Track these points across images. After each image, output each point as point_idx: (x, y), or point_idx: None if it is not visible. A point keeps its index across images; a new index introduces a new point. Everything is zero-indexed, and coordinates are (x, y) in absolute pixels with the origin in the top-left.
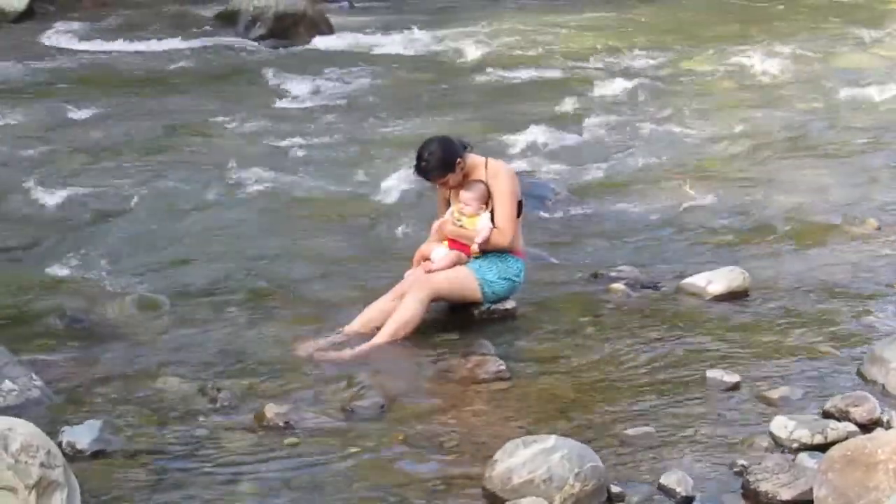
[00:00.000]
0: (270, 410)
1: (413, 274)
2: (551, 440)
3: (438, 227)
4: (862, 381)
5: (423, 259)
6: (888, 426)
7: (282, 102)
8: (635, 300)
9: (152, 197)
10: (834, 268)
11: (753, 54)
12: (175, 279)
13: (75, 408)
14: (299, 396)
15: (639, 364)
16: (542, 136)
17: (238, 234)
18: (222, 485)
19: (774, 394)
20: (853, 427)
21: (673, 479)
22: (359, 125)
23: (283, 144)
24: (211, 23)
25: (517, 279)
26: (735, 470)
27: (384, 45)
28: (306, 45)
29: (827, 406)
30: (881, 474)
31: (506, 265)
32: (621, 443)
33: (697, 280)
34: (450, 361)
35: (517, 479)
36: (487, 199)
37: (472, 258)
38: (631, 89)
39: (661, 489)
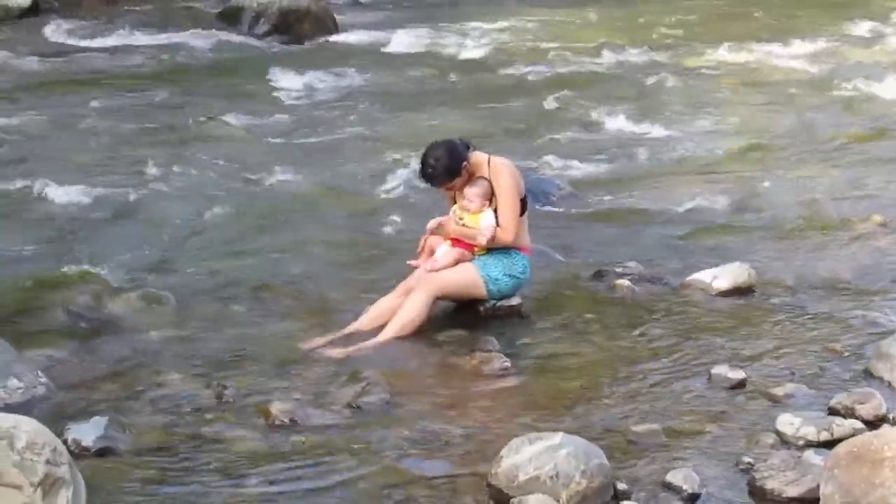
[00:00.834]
0: (276, 407)
1: (418, 270)
2: (557, 437)
3: (440, 225)
4: (868, 378)
5: (432, 252)
6: (894, 423)
7: (286, 99)
8: (640, 296)
9: (157, 193)
10: (840, 264)
11: (761, 50)
12: (180, 275)
13: (81, 405)
14: (305, 393)
15: (644, 361)
16: (547, 132)
17: (242, 230)
18: (228, 482)
19: (780, 391)
20: (859, 424)
21: (679, 477)
22: (364, 122)
23: (287, 141)
24: (215, 19)
25: (522, 276)
26: (741, 467)
27: (390, 42)
28: (311, 42)
29: (833, 403)
30: (887, 471)
31: (511, 262)
32: (627, 440)
33: (703, 276)
34: (455, 358)
35: (523, 476)
36: (491, 196)
37: (477, 255)
38: (637, 85)
39: (668, 486)
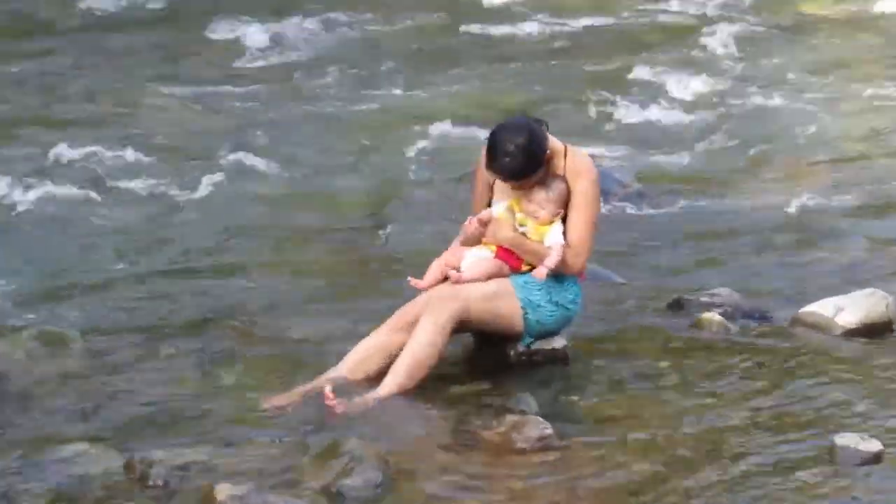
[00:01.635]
0: (223, 492)
1: (423, 296)
2: None
3: (478, 226)
4: None
5: (451, 269)
6: None
7: (239, 59)
8: (735, 336)
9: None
10: None
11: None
12: (90, 307)
13: None
14: (264, 472)
15: (740, 427)
16: (603, 108)
17: (180, 245)
18: None
19: None
20: None
21: None
22: (346, 91)
23: (242, 119)
24: None
25: (572, 307)
26: None
27: None
28: None
29: None
30: None
31: (559, 287)
32: None
33: (822, 308)
34: (475, 422)
35: None
36: (566, 204)
37: (513, 272)
38: (724, 44)
39: None
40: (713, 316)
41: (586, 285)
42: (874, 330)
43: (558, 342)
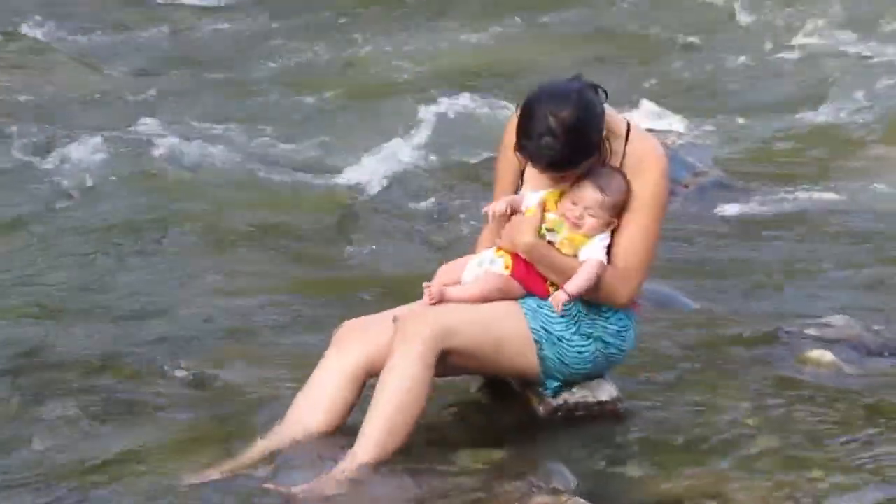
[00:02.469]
0: None
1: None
2: None
3: (505, 217)
4: None
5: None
6: None
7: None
8: (854, 381)
9: None
10: None
11: None
12: None
13: None
14: None
15: None
16: (664, 66)
17: (71, 254)
18: None
19: None
20: None
21: None
22: (305, 49)
23: (172, 85)
24: None
25: (617, 343)
26: None
27: None
28: None
29: None
30: None
31: (595, 313)
32: None
33: None
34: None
35: None
36: (622, 210)
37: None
38: None
39: None
40: (824, 354)
41: (644, 310)
42: None
43: (606, 392)
